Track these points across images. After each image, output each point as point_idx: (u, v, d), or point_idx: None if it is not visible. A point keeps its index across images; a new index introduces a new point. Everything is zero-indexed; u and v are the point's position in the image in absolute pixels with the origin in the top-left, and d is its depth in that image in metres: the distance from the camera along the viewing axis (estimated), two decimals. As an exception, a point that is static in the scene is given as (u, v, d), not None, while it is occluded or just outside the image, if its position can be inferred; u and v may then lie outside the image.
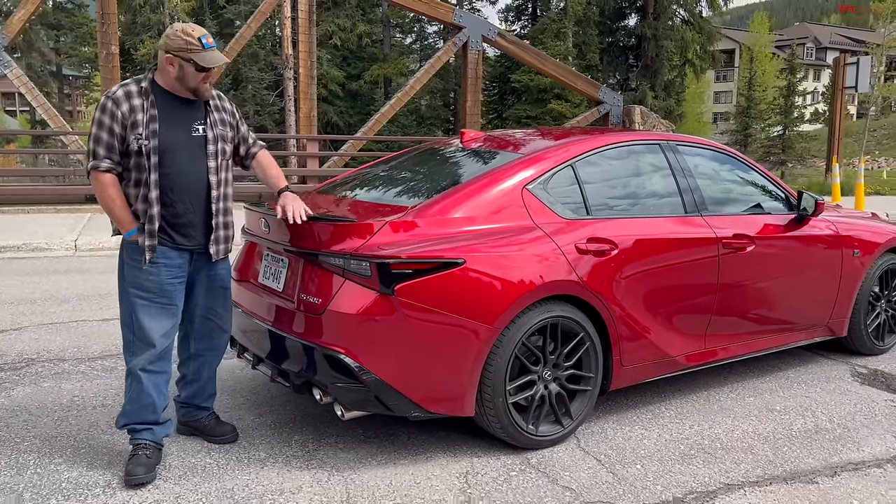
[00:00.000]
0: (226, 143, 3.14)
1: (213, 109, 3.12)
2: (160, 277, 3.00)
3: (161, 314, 3.02)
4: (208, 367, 3.34)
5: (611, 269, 3.48)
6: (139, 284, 3.00)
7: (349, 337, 3.01)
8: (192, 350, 3.30)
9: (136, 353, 3.02)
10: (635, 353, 3.63)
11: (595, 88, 16.16)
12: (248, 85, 27.48)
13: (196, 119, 3.05)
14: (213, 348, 3.32)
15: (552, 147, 3.69)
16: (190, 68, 2.93)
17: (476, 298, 3.10)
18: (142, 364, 3.00)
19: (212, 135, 3.07)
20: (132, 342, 3.03)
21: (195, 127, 3.04)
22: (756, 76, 35.41)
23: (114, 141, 2.91)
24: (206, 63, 2.93)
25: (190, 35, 2.93)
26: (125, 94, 2.94)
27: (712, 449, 3.41)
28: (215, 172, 3.08)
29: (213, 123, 3.09)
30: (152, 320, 3.00)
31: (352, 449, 3.33)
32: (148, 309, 3.00)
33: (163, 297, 3.01)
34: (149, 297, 3.00)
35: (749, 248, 4.02)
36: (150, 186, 2.93)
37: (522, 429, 3.28)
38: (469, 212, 3.27)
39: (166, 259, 3.01)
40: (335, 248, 3.08)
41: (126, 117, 2.90)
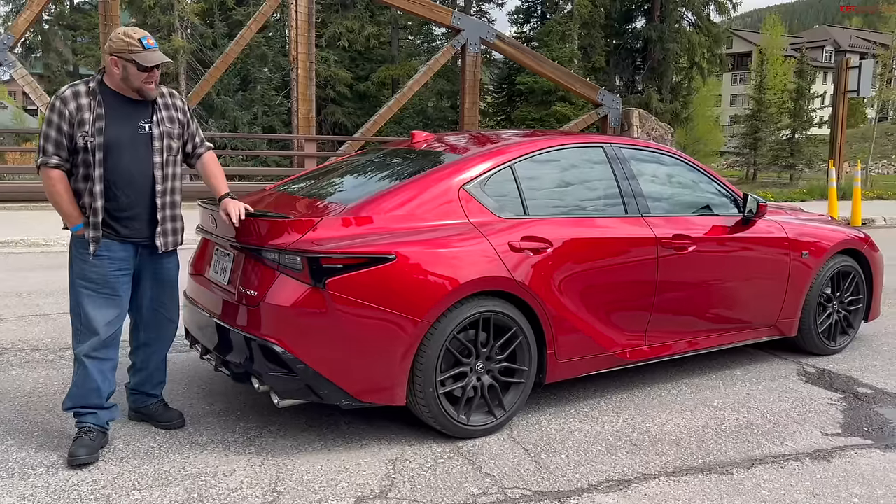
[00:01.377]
0: (172, 139, 3.28)
1: (162, 107, 3.28)
2: (104, 269, 3.16)
3: (105, 304, 3.17)
4: (156, 355, 3.51)
5: (545, 267, 3.61)
6: (85, 276, 3.16)
7: (283, 328, 3.17)
8: (141, 339, 3.47)
9: (82, 341, 3.18)
10: (571, 348, 3.75)
11: (593, 91, 16.25)
12: (257, 86, 27.78)
13: (143, 117, 3.21)
14: (161, 338, 3.49)
15: (493, 149, 3.82)
16: (132, 68, 3.09)
17: (406, 293, 3.24)
18: (86, 351, 3.17)
19: (157, 132, 3.22)
20: (79, 330, 3.20)
21: (141, 125, 3.19)
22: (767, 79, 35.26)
23: (62, 138, 3.08)
24: (146, 62, 3.08)
25: (131, 37, 3.08)
26: (73, 93, 3.10)
27: (639, 441, 3.53)
28: (161, 167, 3.23)
29: (160, 121, 3.24)
30: (97, 310, 3.16)
31: (291, 436, 3.48)
32: (93, 299, 3.16)
33: (106, 287, 3.17)
34: (93, 287, 3.16)
35: (690, 248, 4.13)
36: (94, 181, 3.09)
37: (454, 418, 3.41)
38: (405, 210, 3.41)
39: (110, 252, 3.16)
40: (271, 243, 3.24)
41: (73, 116, 3.06)
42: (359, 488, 2.99)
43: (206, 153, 3.51)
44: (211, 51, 26.19)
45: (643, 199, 4.11)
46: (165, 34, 25.47)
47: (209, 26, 27.56)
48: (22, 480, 2.97)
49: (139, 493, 2.90)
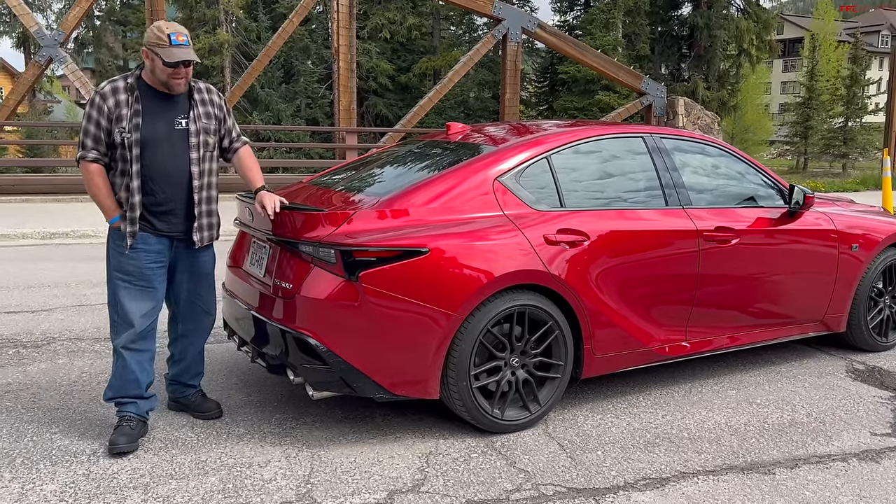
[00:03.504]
0: (209, 135, 3.29)
1: (199, 103, 3.28)
2: (140, 262, 3.20)
3: (141, 296, 3.22)
4: (193, 346, 3.55)
5: (582, 261, 3.55)
6: (121, 268, 3.21)
7: (317, 321, 3.17)
8: (178, 331, 3.52)
9: (119, 333, 3.24)
10: (608, 343, 3.68)
11: (638, 80, 15.95)
12: (300, 78, 27.99)
13: (180, 113, 3.22)
14: (198, 330, 3.53)
15: (529, 140, 3.77)
16: (158, 62, 3.09)
17: (439, 286, 3.22)
18: (124, 342, 3.22)
19: (194, 128, 3.23)
20: (116, 322, 3.26)
21: (178, 120, 3.21)
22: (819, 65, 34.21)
23: (100, 133, 3.13)
24: (168, 58, 3.07)
25: (162, 31, 3.09)
26: (112, 89, 3.14)
27: (678, 438, 3.45)
28: (197, 163, 3.25)
29: (197, 117, 3.25)
30: (132, 302, 3.21)
31: (326, 428, 3.50)
32: (129, 291, 3.21)
33: (142, 280, 3.21)
34: (130, 279, 3.21)
35: (733, 240, 4.02)
36: (132, 176, 3.13)
37: (487, 413, 3.38)
38: (440, 202, 3.38)
39: (146, 245, 3.20)
40: (306, 236, 3.24)
41: (111, 111, 3.10)
42: (392, 481, 2.99)
43: (242, 147, 3.50)
44: (255, 44, 26.48)
45: (684, 190, 4.01)
46: (210, 28, 25.83)
47: (253, 20, 27.86)
48: (64, 468, 3.04)
49: (176, 482, 2.95)
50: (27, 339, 4.84)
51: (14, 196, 12.80)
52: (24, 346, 4.69)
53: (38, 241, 9.39)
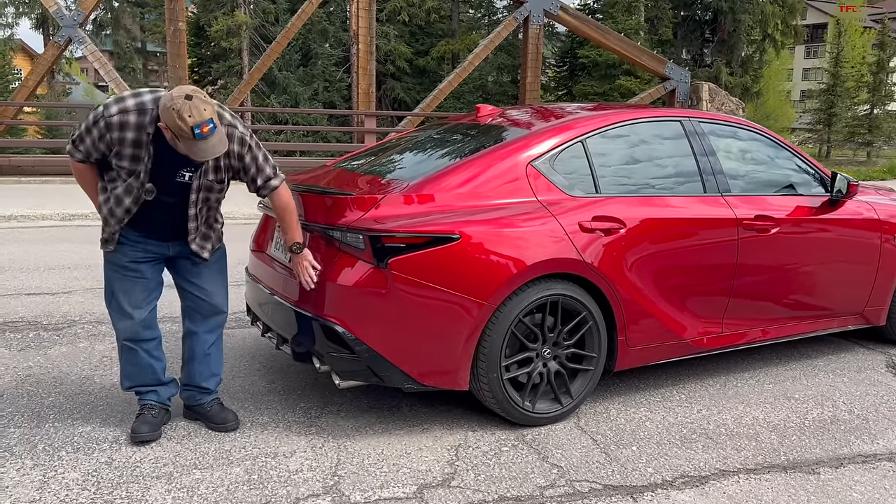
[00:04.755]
0: (211, 192, 3.01)
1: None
2: (129, 256, 3.04)
3: (133, 287, 3.05)
4: (201, 343, 3.25)
5: (618, 249, 3.42)
6: (110, 258, 3.06)
7: (344, 308, 3.08)
8: (186, 326, 3.28)
9: (119, 327, 3.10)
10: (643, 334, 3.56)
11: (661, 64, 15.68)
12: (318, 61, 27.84)
13: (187, 164, 2.88)
14: (207, 327, 3.26)
15: (563, 123, 3.63)
16: (180, 146, 2.74)
17: (470, 274, 3.11)
18: (126, 335, 3.10)
19: (196, 184, 2.94)
20: (113, 316, 3.11)
21: (182, 172, 2.91)
22: (844, 52, 33.55)
23: (94, 152, 2.87)
24: (195, 156, 2.74)
25: (184, 120, 2.62)
26: (120, 124, 2.77)
27: (716, 434, 3.33)
28: (195, 219, 3.03)
29: (205, 172, 2.93)
30: (125, 294, 3.05)
31: (352, 418, 3.41)
32: (121, 282, 3.05)
33: (131, 271, 3.04)
34: (120, 270, 3.05)
35: (773, 229, 3.87)
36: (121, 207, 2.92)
37: (518, 405, 3.28)
38: (470, 187, 3.26)
39: (133, 240, 3.03)
40: (333, 221, 3.14)
41: (112, 143, 2.80)
42: (421, 475, 2.90)
43: (273, 194, 3.07)
44: (273, 26, 26.32)
45: (723, 177, 3.86)
46: (229, 10, 25.69)
47: (271, 1, 27.69)
48: (86, 455, 2.97)
49: (200, 472, 2.87)
50: (48, 321, 4.79)
51: (34, 177, 12.82)
52: (44, 328, 4.63)
53: (58, 221, 9.37)
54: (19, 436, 3.12)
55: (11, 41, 30.19)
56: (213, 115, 2.68)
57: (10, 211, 9.58)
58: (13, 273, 6.15)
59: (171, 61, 13.25)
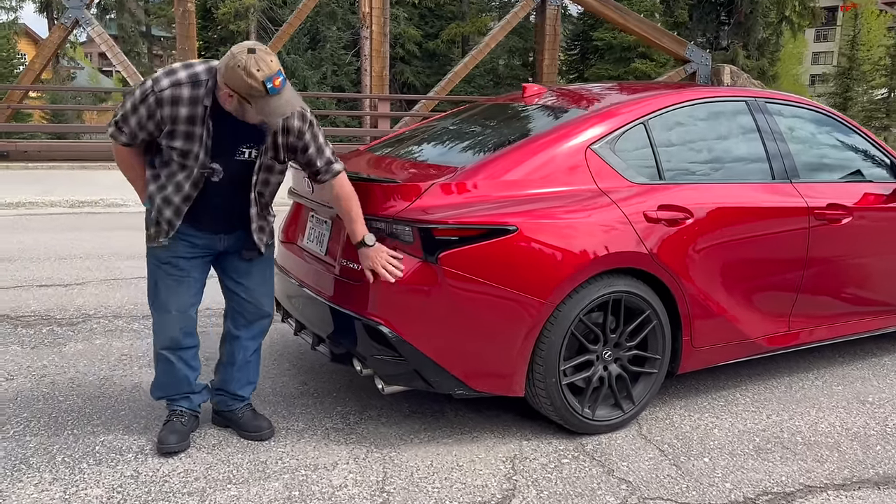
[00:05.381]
0: (272, 174, 2.73)
1: (272, 131, 2.62)
2: (175, 252, 2.75)
3: (177, 287, 2.77)
4: (243, 350, 3.00)
5: (684, 241, 3.13)
6: (155, 254, 2.78)
7: (390, 307, 2.80)
8: (229, 328, 3.02)
9: (160, 329, 2.84)
10: (709, 333, 3.28)
11: (682, 46, 15.28)
12: (326, 44, 27.44)
13: (247, 139, 2.61)
14: (250, 333, 3.00)
15: (622, 103, 3.33)
16: (251, 109, 2.44)
17: (528, 270, 2.82)
18: (165, 343, 2.84)
19: (258, 163, 2.65)
20: (155, 314, 2.85)
21: (242, 149, 2.62)
22: (860, 35, 32.97)
23: (141, 133, 2.56)
24: (269, 116, 2.44)
25: (253, 76, 2.34)
26: (172, 98, 2.47)
27: (792, 444, 3.05)
28: (255, 202, 2.73)
29: (266, 149, 2.64)
30: (170, 293, 2.78)
31: (394, 424, 3.14)
32: (164, 280, 2.78)
33: (178, 269, 2.77)
34: (165, 268, 2.77)
35: (845, 219, 3.57)
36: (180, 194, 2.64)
37: (577, 412, 3.01)
38: (525, 174, 2.97)
39: (183, 236, 2.74)
40: (377, 211, 2.85)
41: (163, 122, 2.51)
42: (478, 491, 2.63)
43: (335, 181, 2.77)
44: (281, 9, 25.93)
45: (791, 161, 3.56)
46: (237, -8, 25.29)
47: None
48: (109, 468, 2.71)
49: (235, 487, 2.61)
50: (61, 315, 4.53)
51: (40, 162, 12.56)
52: (58, 323, 4.37)
53: (67, 209, 9.12)
54: (36, 445, 2.87)
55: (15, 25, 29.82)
56: (280, 67, 2.41)
57: (17, 198, 9.32)
58: (23, 263, 5.89)
59: (180, 43, 12.93)
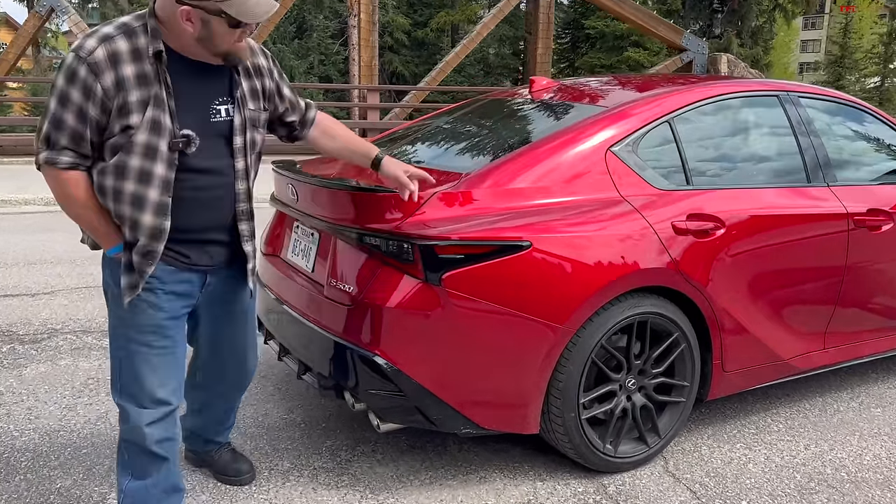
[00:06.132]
0: (257, 129, 2.12)
1: (243, 74, 2.06)
2: (160, 312, 2.03)
3: (163, 363, 2.06)
4: (223, 401, 2.53)
5: (715, 254, 2.79)
6: (132, 322, 2.03)
7: (385, 335, 2.44)
8: (199, 380, 2.47)
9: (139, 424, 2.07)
10: (742, 356, 2.95)
11: (678, 34, 14.94)
12: (314, 33, 26.90)
13: (217, 93, 2.00)
14: (230, 386, 2.49)
15: (644, 99, 2.97)
16: (221, 25, 1.86)
17: (545, 291, 2.47)
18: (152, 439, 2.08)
19: (239, 119, 2.03)
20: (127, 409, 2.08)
21: (215, 107, 2.00)
22: (852, 22, 32.74)
23: (84, 129, 1.86)
24: (247, 16, 1.85)
25: None
26: (109, 56, 1.82)
27: (837, 482, 2.73)
28: (243, 177, 2.08)
29: (242, 99, 2.04)
30: (153, 372, 2.05)
31: (391, 461, 2.79)
32: (146, 357, 2.04)
33: (163, 338, 2.05)
34: (146, 340, 2.03)
35: (885, 226, 3.25)
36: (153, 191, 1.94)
37: (598, 449, 2.67)
38: (538, 181, 2.62)
39: (167, 285, 2.03)
40: (372, 224, 2.49)
41: (109, 96, 1.83)
42: (489, 549, 2.29)
43: (318, 115, 2.38)
44: (266, -3, 25.31)
45: (828, 163, 3.22)
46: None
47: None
48: (64, 524, 2.35)
49: (209, 548, 2.25)
50: (25, 330, 4.14)
51: (16, 157, 12.09)
52: (20, 340, 3.99)
53: (41, 207, 8.68)
54: (-20, 496, 2.50)
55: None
56: None
57: (-11, 195, 8.88)
58: (-12, 269, 5.49)
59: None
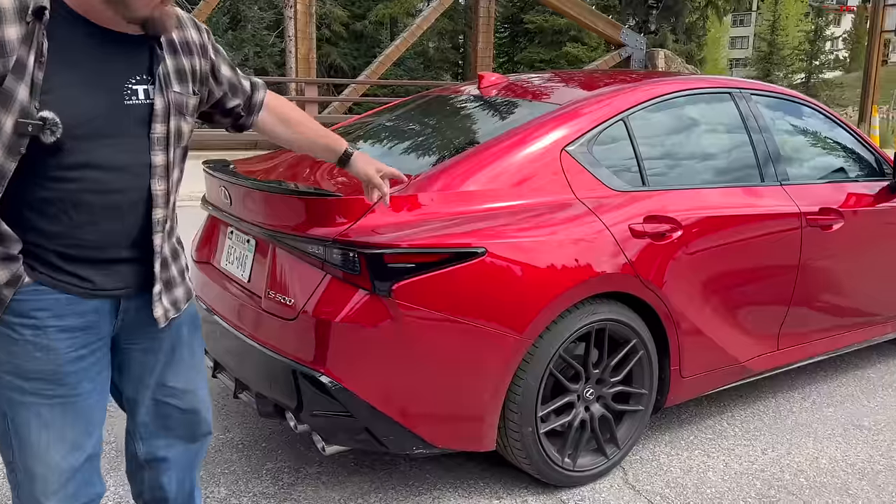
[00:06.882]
0: (184, 116, 1.64)
1: (168, 49, 1.61)
2: (53, 354, 1.54)
3: (61, 419, 1.57)
4: (176, 471, 1.86)
5: (673, 257, 2.70)
6: (16, 368, 1.54)
7: (331, 351, 2.25)
8: (142, 453, 1.81)
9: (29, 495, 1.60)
10: (699, 360, 2.87)
11: (616, 30, 15.07)
12: (248, 24, 26.22)
13: (133, 70, 1.55)
14: (184, 450, 1.85)
15: (599, 96, 2.85)
16: None
17: (502, 299, 2.33)
18: None
19: (161, 103, 1.58)
20: (17, 478, 1.62)
21: (130, 87, 1.54)
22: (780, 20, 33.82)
23: None
24: None
25: None
26: None
27: (797, 488, 2.67)
28: (162, 176, 1.60)
29: (166, 79, 1.59)
30: (43, 432, 1.56)
31: (338, 484, 2.61)
32: (36, 410, 1.55)
33: (61, 386, 1.56)
34: (34, 388, 1.54)
35: (836, 225, 3.22)
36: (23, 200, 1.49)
37: (557, 464, 2.54)
38: (490, 183, 2.47)
39: (69, 318, 1.56)
40: (314, 231, 2.30)
41: None
42: (445, 579, 2.14)
43: (268, 97, 1.90)
44: (198, -14, 24.54)
45: (781, 161, 3.18)
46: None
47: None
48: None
49: None
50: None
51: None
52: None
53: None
54: None
55: None
56: None
57: None
58: None
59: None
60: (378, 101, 14.48)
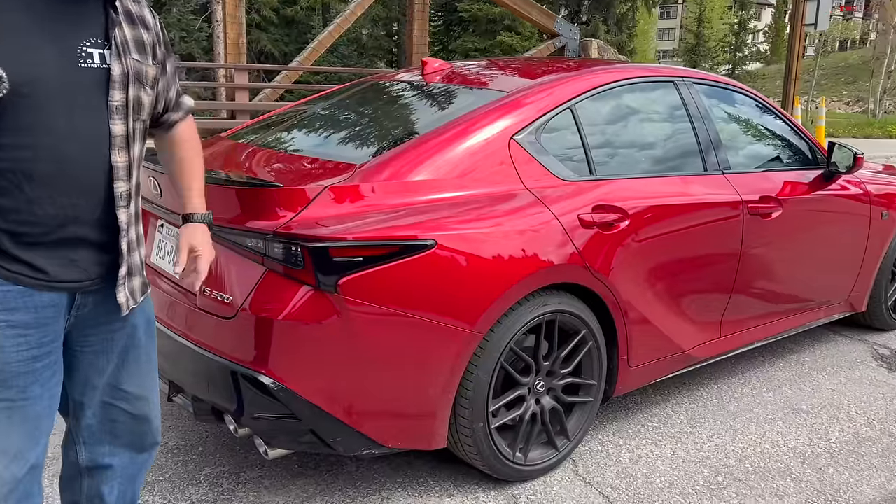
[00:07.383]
0: (143, 87, 1.56)
1: (125, 17, 1.54)
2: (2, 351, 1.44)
3: (7, 423, 1.47)
4: (119, 482, 1.76)
5: (620, 246, 2.67)
6: None
7: (273, 351, 2.14)
8: (83, 459, 1.72)
9: None
10: (646, 350, 2.87)
11: (550, 19, 15.10)
12: (173, 8, 25.26)
13: (87, 32, 1.47)
14: (129, 459, 1.76)
15: (546, 83, 2.80)
16: None
17: (452, 292, 2.26)
18: None
19: (119, 69, 1.49)
20: None
21: (84, 50, 1.45)
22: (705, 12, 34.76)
23: None
24: None
25: None
26: None
27: (742, 474, 2.70)
28: (122, 146, 1.51)
29: (124, 45, 1.51)
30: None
31: (281, 488, 2.49)
32: None
33: (8, 389, 1.46)
34: None
35: (775, 213, 3.27)
36: None
37: (508, 458, 2.50)
38: (437, 172, 2.39)
39: (19, 312, 1.44)
40: (253, 224, 2.17)
41: None
42: (398, 584, 2.06)
43: (183, 123, 1.80)
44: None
45: (722, 150, 3.20)
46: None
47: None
48: None
49: None
50: None
51: None
52: None
53: None
54: None
55: None
56: None
57: None
58: None
59: None
60: (311, 88, 14.17)
